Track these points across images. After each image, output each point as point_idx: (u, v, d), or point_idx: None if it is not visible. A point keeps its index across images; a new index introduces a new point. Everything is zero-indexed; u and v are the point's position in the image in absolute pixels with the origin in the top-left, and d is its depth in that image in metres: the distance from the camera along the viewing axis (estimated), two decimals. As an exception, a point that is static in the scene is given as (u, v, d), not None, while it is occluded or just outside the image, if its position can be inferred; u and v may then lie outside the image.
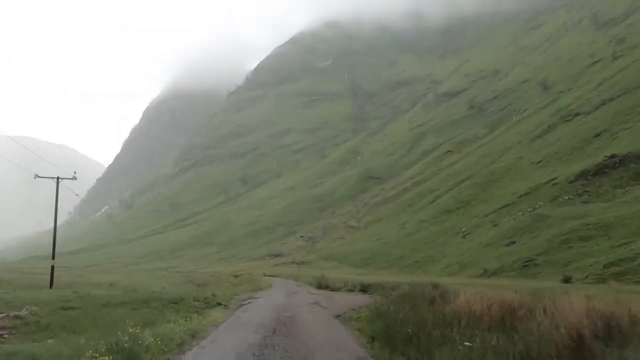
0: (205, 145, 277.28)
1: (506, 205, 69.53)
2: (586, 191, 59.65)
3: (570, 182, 63.17)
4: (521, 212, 63.16)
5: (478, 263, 52.73)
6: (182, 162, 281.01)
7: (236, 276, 57.57)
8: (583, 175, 62.71)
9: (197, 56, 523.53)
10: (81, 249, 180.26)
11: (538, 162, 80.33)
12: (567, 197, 60.38)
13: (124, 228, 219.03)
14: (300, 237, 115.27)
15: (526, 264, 45.14)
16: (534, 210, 61.20)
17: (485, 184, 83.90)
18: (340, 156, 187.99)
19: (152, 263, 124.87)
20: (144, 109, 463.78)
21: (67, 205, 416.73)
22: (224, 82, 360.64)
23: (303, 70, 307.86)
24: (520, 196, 69.22)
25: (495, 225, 64.21)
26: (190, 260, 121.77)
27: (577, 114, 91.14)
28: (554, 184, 65.58)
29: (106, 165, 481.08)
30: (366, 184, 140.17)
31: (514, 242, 53.20)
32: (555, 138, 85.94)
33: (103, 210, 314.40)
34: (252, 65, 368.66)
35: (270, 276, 67.11)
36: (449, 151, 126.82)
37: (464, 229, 70.38)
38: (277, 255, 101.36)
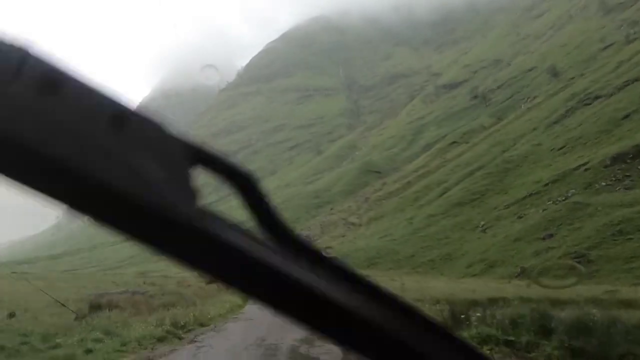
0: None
1: (530, 195, 61.70)
2: (627, 175, 52.14)
3: (606, 166, 55.45)
4: (551, 202, 55.51)
5: (510, 261, 44.68)
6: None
7: (210, 282, 47.57)
8: (620, 158, 55.09)
9: (184, 55, 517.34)
10: (63, 252, 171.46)
11: (560, 149, 72.86)
12: (604, 183, 52.79)
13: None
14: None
15: (577, 260, 37.01)
16: (566, 199, 53.36)
17: (501, 173, 76.09)
18: (336, 151, 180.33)
19: (133, 267, 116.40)
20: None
21: (56, 210, 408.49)
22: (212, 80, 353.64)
23: (296, 65, 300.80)
24: (546, 184, 61.45)
25: (521, 217, 56.35)
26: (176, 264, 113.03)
27: (598, 97, 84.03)
28: (585, 170, 57.77)
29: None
30: (366, 179, 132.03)
31: (551, 235, 45.27)
32: (576, 123, 78.68)
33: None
34: (240, 62, 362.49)
35: None
36: (453, 142, 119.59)
37: (482, 223, 62.35)
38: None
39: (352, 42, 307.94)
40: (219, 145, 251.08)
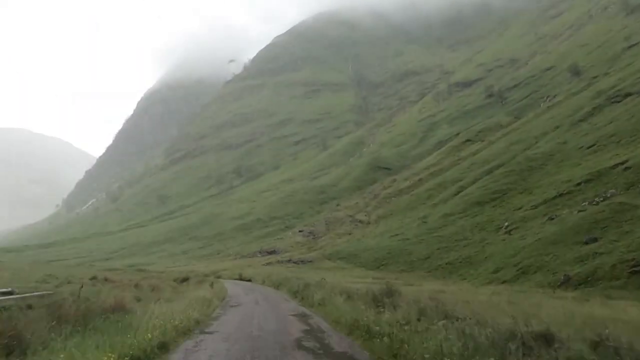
0: (198, 136, 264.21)
1: (560, 195, 55.46)
2: (676, 175, 46.01)
3: (651, 165, 49.40)
4: (586, 202, 49.26)
5: (548, 267, 38.49)
6: (173, 153, 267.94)
7: (185, 280, 39.96)
8: (666, 156, 49.08)
9: (189, 47, 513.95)
10: (53, 242, 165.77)
11: (590, 147, 66.70)
12: (649, 184, 46.56)
13: (107, 221, 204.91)
14: (299, 231, 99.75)
15: (636, 268, 30.94)
16: (605, 199, 47.18)
17: (524, 172, 69.90)
18: (343, 148, 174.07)
19: (124, 259, 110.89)
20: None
21: (57, 199, 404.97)
22: (218, 72, 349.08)
23: (304, 59, 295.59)
24: (579, 184, 55.21)
25: (552, 219, 50.03)
26: (169, 257, 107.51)
27: (628, 95, 78.32)
28: (625, 169, 51.59)
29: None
30: (375, 175, 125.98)
31: (595, 239, 39.02)
32: (606, 120, 72.82)
33: (90, 202, 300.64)
34: (247, 56, 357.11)
35: (247, 280, 51.02)
36: (467, 140, 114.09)
37: (506, 224, 56.08)
38: (270, 253, 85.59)
39: (362, 38, 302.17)
40: (222, 138, 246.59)
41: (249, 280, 50.38)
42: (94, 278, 28.70)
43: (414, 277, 50.08)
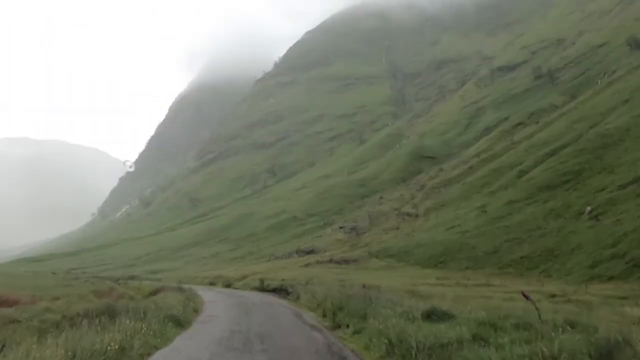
0: (229, 136, 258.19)
1: (654, 171, 46.21)
2: None
3: None
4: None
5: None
6: (205, 155, 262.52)
7: (157, 291, 31.47)
8: None
9: (218, 48, 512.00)
10: (81, 249, 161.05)
11: (674, 117, 57.37)
12: None
13: (138, 227, 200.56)
14: (340, 228, 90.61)
15: None
16: None
17: (598, 150, 60.42)
18: (381, 140, 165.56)
19: (148, 265, 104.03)
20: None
21: (92, 208, 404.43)
22: (248, 72, 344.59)
23: (335, 53, 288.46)
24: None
25: (650, 198, 40.92)
26: (196, 261, 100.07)
27: None
28: None
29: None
30: (419, 165, 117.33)
31: None
32: (689, 88, 63.10)
33: (123, 209, 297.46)
34: (277, 53, 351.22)
35: (272, 291, 39.35)
36: (519, 124, 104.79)
37: (589, 208, 46.79)
38: (309, 252, 76.79)
39: (394, 29, 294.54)
40: (255, 137, 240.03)
41: (274, 291, 39.26)
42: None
43: (485, 276, 41.23)
